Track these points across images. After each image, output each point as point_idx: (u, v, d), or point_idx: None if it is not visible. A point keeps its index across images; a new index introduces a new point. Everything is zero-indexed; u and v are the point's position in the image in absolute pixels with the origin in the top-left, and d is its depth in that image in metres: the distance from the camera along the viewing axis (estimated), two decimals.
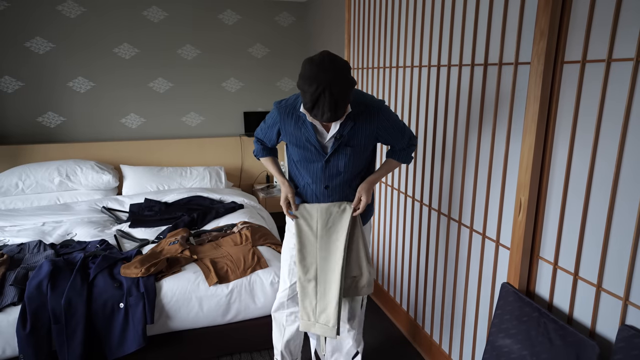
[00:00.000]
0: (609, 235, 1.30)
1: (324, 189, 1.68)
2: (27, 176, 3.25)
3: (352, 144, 1.59)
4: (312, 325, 1.71)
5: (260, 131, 1.79)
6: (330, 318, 1.66)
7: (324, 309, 1.68)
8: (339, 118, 1.42)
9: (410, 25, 2.23)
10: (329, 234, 1.68)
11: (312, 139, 1.58)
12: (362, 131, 1.58)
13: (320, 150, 1.60)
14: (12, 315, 1.89)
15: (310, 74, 1.35)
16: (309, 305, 1.70)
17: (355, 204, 1.67)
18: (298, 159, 1.68)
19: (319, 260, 1.69)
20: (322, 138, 1.60)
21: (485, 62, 1.71)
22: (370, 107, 1.58)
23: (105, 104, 3.73)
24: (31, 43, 3.44)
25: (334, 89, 1.33)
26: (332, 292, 1.67)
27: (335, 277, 1.66)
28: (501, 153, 1.67)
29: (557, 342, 1.37)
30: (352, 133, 1.58)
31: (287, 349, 1.93)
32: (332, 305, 1.65)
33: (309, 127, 1.57)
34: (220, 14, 3.93)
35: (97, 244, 2.45)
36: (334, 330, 1.66)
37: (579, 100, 1.36)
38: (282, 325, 1.90)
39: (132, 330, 1.98)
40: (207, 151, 4.02)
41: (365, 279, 1.71)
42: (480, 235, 1.81)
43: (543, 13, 1.38)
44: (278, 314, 1.90)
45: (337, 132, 1.56)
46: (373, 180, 1.69)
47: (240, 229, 2.67)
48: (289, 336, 1.90)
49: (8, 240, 2.57)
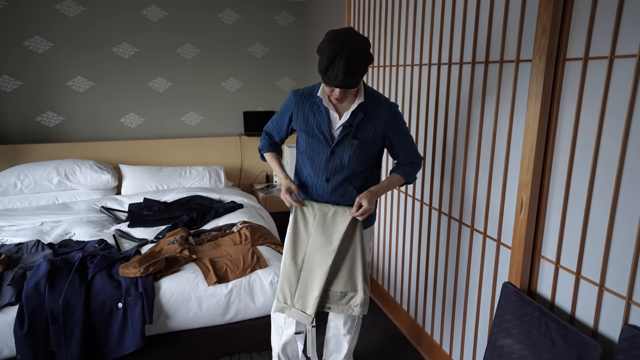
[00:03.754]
0: (612, 234, 1.28)
1: (324, 181, 1.67)
2: (26, 176, 3.23)
3: (359, 136, 1.61)
4: (288, 308, 1.69)
5: (271, 123, 1.81)
6: (308, 306, 1.65)
7: (302, 295, 1.66)
8: (351, 86, 1.44)
9: (411, 22, 2.22)
10: (323, 230, 1.66)
11: (323, 124, 1.61)
12: (371, 125, 1.61)
13: (328, 138, 1.62)
14: (10, 315, 1.87)
15: (332, 37, 1.42)
16: (288, 289, 1.68)
17: (354, 209, 1.61)
18: (305, 148, 1.70)
19: (309, 250, 1.67)
20: (332, 126, 1.62)
21: (487, 60, 1.70)
22: (383, 103, 1.63)
23: (105, 104, 3.72)
24: (30, 42, 3.43)
25: (351, 52, 1.38)
26: (316, 282, 1.64)
27: (322, 269, 1.63)
28: (502, 151, 1.65)
29: (559, 342, 1.36)
30: (361, 125, 1.60)
31: (284, 352, 1.91)
32: (314, 294, 1.63)
33: (322, 112, 1.61)
34: (219, 13, 3.92)
35: (96, 243, 2.44)
36: (309, 318, 1.64)
37: (581, 97, 1.34)
38: (280, 327, 1.89)
39: (130, 330, 1.96)
40: (206, 151, 4.01)
41: (359, 298, 1.64)
42: (482, 234, 1.80)
43: (545, 9, 1.37)
44: (277, 315, 1.89)
45: (347, 121, 1.58)
46: (375, 191, 1.64)
47: (239, 228, 2.65)
48: (286, 339, 1.88)
49: (6, 240, 2.56)
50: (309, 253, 1.67)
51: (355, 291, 1.66)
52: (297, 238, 1.69)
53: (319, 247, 1.65)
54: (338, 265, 1.66)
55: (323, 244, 1.65)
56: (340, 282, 1.66)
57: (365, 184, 1.72)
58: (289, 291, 1.68)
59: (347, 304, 1.67)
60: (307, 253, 1.67)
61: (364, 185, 1.71)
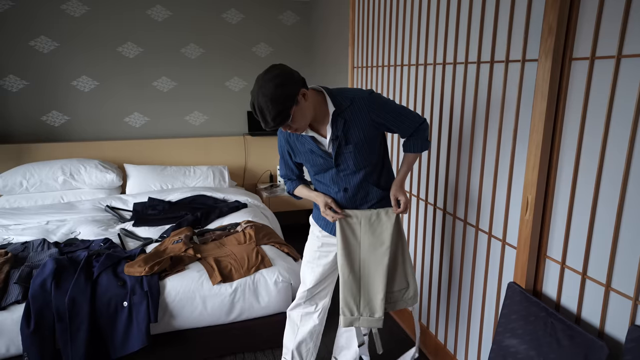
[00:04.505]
0: (618, 234, 1.28)
1: (343, 191, 1.67)
2: (32, 175, 3.25)
3: (351, 140, 1.58)
4: (356, 319, 1.69)
5: (281, 169, 1.82)
6: (376, 310, 1.67)
7: (368, 301, 1.68)
8: (284, 123, 1.42)
9: (415, 22, 2.21)
10: (372, 232, 1.67)
11: (314, 148, 1.61)
12: (356, 125, 1.57)
13: (326, 157, 1.62)
14: (16, 313, 1.89)
15: (254, 88, 1.42)
16: (353, 301, 1.68)
17: (395, 207, 1.66)
18: (314, 173, 1.71)
19: (363, 257, 1.67)
20: (324, 145, 1.61)
21: (492, 60, 1.69)
22: (356, 99, 1.56)
23: (109, 103, 3.74)
24: (36, 42, 3.45)
25: (260, 98, 1.38)
26: (378, 284, 1.66)
27: (381, 270, 1.65)
28: (508, 151, 1.65)
29: (565, 342, 1.35)
30: (346, 130, 1.56)
31: (298, 350, 1.90)
32: (379, 297, 1.66)
33: (307, 140, 1.61)
34: (224, 13, 3.92)
35: (101, 242, 2.45)
36: (380, 321, 1.67)
37: (588, 97, 1.34)
38: (296, 325, 1.88)
39: (135, 328, 1.97)
40: (210, 150, 4.02)
41: (412, 290, 1.72)
42: (487, 234, 1.79)
43: (551, 8, 1.37)
44: (294, 312, 1.89)
45: (332, 134, 1.56)
46: (400, 180, 1.69)
47: (244, 228, 2.66)
48: (301, 337, 1.88)
49: (12, 239, 2.58)
50: (364, 259, 1.68)
51: (408, 285, 1.72)
52: (349, 248, 1.68)
53: (373, 250, 1.67)
54: (391, 264, 1.68)
55: (375, 246, 1.66)
56: (397, 281, 1.71)
57: (381, 177, 1.71)
58: (354, 302, 1.69)
59: (402, 299, 1.72)
60: (362, 260, 1.68)
61: (380, 178, 1.71)
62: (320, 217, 1.78)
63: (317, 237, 1.79)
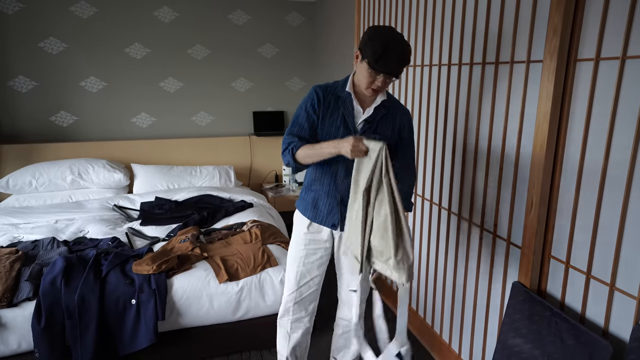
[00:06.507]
0: (623, 234, 1.28)
1: (345, 172, 1.61)
2: (41, 174, 3.29)
3: (379, 131, 1.65)
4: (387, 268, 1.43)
5: (293, 125, 1.65)
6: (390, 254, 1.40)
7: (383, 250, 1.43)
8: (398, 74, 1.50)
9: (420, 23, 2.22)
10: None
11: (349, 117, 1.62)
12: (390, 122, 1.67)
13: (351, 131, 1.62)
14: (28, 310, 1.92)
15: (382, 29, 1.49)
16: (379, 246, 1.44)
17: None
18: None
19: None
20: (356, 120, 1.65)
21: (497, 60, 1.70)
22: (399, 104, 1.73)
23: (117, 104, 3.77)
24: (45, 43, 3.49)
25: (404, 48, 1.47)
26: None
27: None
28: (512, 151, 1.66)
29: (569, 341, 1.36)
30: (381, 121, 1.65)
31: (292, 354, 1.90)
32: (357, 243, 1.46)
33: (348, 106, 1.63)
34: (230, 14, 3.95)
35: (109, 241, 2.48)
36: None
37: (592, 98, 1.35)
38: (287, 333, 1.86)
39: (143, 326, 2.00)
40: (216, 150, 4.04)
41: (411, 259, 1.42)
42: (491, 234, 1.80)
43: (556, 10, 1.38)
44: (283, 320, 1.85)
45: (370, 116, 1.62)
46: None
47: (250, 227, 2.68)
48: (294, 343, 1.87)
49: (22, 237, 2.61)
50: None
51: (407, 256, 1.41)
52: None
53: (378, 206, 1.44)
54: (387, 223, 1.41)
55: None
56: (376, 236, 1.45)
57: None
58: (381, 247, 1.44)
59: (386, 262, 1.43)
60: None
61: None
62: (308, 209, 1.72)
63: (304, 234, 1.75)
